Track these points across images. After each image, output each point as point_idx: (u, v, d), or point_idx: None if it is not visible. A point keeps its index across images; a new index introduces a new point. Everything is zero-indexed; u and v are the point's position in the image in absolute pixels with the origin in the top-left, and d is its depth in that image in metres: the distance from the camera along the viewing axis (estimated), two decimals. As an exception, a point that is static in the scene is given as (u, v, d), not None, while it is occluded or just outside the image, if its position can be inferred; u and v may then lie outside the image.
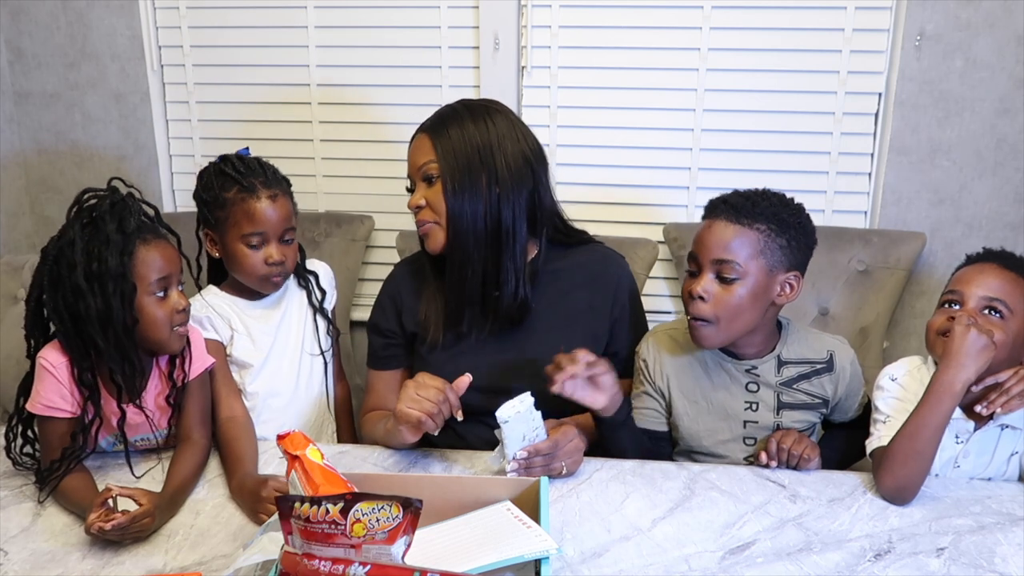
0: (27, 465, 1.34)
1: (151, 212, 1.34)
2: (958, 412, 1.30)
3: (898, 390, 1.36)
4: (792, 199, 1.41)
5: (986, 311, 1.28)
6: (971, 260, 1.37)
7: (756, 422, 1.42)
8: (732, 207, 1.36)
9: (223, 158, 1.56)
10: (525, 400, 1.25)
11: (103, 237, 1.24)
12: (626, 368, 1.55)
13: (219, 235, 1.54)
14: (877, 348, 1.99)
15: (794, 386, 1.42)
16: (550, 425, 1.32)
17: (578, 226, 1.60)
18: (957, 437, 1.32)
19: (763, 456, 1.36)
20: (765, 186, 1.45)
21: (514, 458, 1.25)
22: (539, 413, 1.27)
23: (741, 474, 1.34)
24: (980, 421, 1.31)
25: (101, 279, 1.23)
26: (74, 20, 2.24)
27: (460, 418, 1.30)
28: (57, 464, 1.26)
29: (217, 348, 1.53)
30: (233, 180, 1.51)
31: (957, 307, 1.30)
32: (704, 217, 1.41)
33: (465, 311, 1.46)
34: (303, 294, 1.65)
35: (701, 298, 1.34)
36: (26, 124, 2.34)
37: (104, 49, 2.25)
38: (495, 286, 1.44)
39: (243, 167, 1.53)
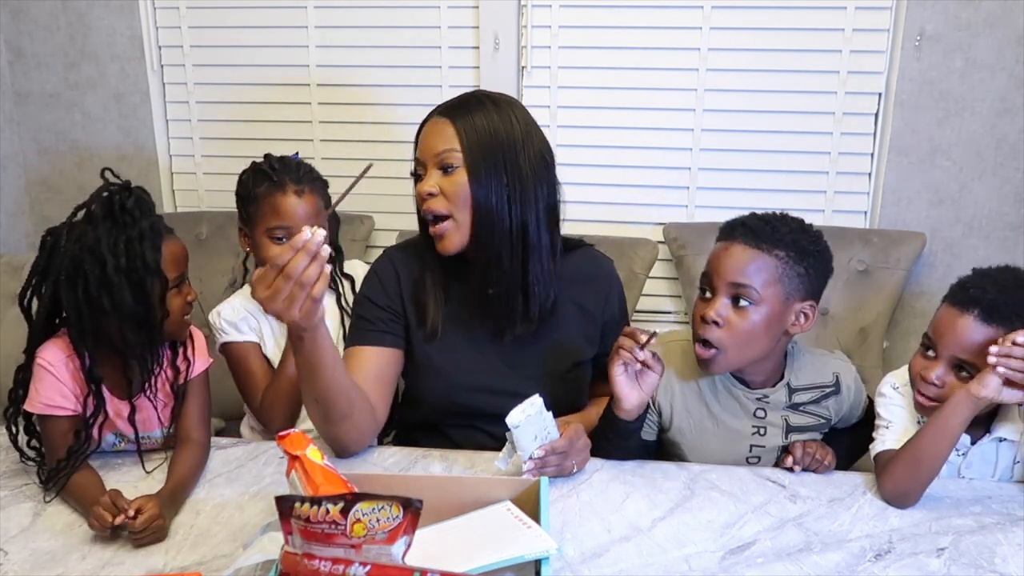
0: (33, 459, 1.34)
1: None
2: None
3: (899, 398, 1.35)
4: (811, 225, 1.37)
5: (956, 368, 1.26)
6: (958, 298, 1.28)
7: (763, 446, 1.40)
8: (751, 230, 1.32)
9: (264, 157, 1.61)
10: (535, 403, 1.23)
11: (136, 232, 1.24)
12: None
13: (250, 230, 1.58)
14: (877, 348, 1.99)
15: (801, 408, 1.41)
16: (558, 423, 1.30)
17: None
18: (957, 450, 1.31)
19: (788, 460, 1.35)
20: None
21: (531, 457, 1.24)
22: (550, 414, 1.26)
23: (741, 474, 1.34)
24: (976, 435, 1.31)
25: (135, 275, 1.24)
26: (74, 20, 2.24)
27: (320, 238, 1.09)
28: (64, 463, 1.26)
29: (250, 349, 1.56)
30: (265, 175, 1.56)
31: (932, 353, 1.29)
32: (720, 239, 1.36)
33: (491, 314, 1.40)
34: (332, 296, 1.63)
35: (715, 323, 1.29)
36: (26, 124, 2.34)
37: (104, 49, 2.25)
38: (522, 288, 1.38)
39: (279, 164, 1.58)
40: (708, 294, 1.33)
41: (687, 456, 1.43)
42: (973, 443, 1.32)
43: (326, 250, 1.08)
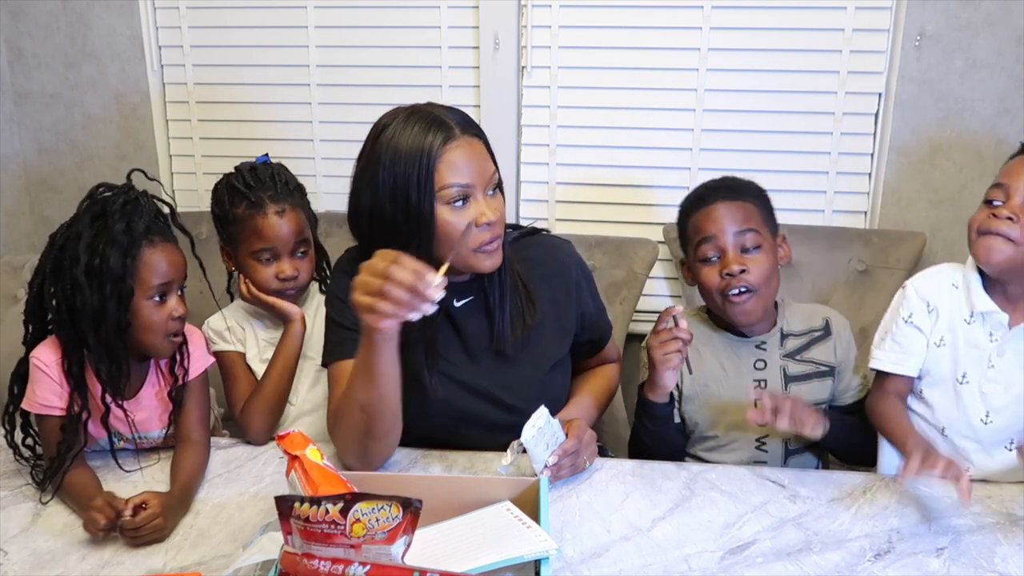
0: (26, 458, 1.34)
1: (166, 211, 1.33)
2: (991, 304, 1.25)
3: (924, 317, 1.31)
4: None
5: None
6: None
7: None
8: (725, 188, 1.46)
9: (236, 169, 1.55)
10: (542, 414, 1.23)
11: (109, 236, 1.23)
12: (603, 341, 1.55)
13: (232, 250, 1.54)
14: (877, 348, 1.99)
15: (798, 357, 1.47)
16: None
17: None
18: (992, 334, 1.26)
19: (752, 413, 1.30)
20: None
21: (546, 465, 1.25)
22: (557, 421, 1.27)
23: (741, 474, 1.34)
24: (1016, 317, 1.25)
25: (100, 278, 1.23)
26: (74, 20, 2.24)
27: (437, 296, 1.07)
28: (55, 461, 1.26)
29: (235, 358, 1.54)
30: (242, 195, 1.50)
31: (1000, 203, 1.23)
32: (695, 210, 1.46)
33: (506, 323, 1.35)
34: (320, 296, 1.60)
35: (742, 271, 1.39)
36: (26, 124, 2.34)
37: (104, 49, 2.25)
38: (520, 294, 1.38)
39: (253, 180, 1.51)
40: (715, 256, 1.42)
41: (699, 424, 1.48)
42: (1012, 326, 1.25)
43: (436, 296, 1.07)
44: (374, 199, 1.25)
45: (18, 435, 1.36)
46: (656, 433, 1.45)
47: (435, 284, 1.07)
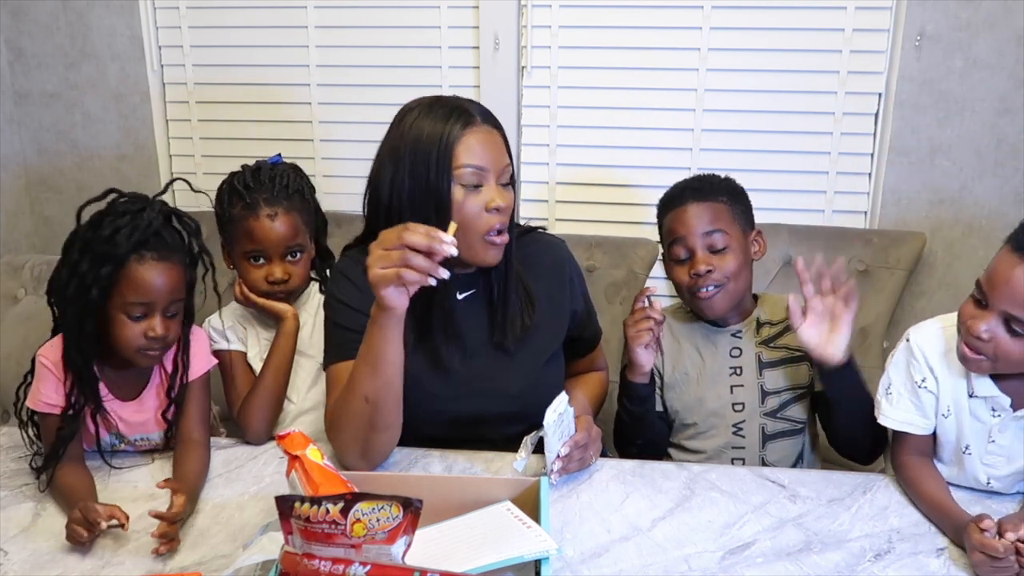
0: (28, 446, 1.35)
1: (191, 227, 1.32)
2: (994, 388, 1.22)
3: (932, 382, 1.27)
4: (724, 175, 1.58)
5: (1008, 322, 1.13)
6: (1020, 241, 1.16)
7: (742, 386, 1.50)
8: (695, 190, 1.51)
9: (242, 168, 1.56)
10: (563, 399, 1.25)
11: (89, 242, 1.24)
12: (593, 342, 1.57)
13: (230, 248, 1.55)
14: (877, 348, 1.99)
15: (772, 344, 1.52)
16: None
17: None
18: (994, 410, 1.24)
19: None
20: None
21: (559, 456, 1.26)
22: (571, 410, 1.28)
23: (741, 474, 1.34)
24: (1019, 400, 1.22)
25: (73, 281, 1.23)
26: (74, 20, 2.24)
27: (454, 253, 1.11)
28: (53, 448, 1.26)
29: (236, 358, 1.55)
30: (239, 196, 1.51)
31: (983, 303, 1.16)
32: (669, 210, 1.52)
33: (508, 320, 1.37)
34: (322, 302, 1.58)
35: (709, 271, 1.44)
36: (26, 124, 2.35)
37: (104, 49, 2.25)
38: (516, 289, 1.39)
39: (253, 181, 1.52)
40: (685, 256, 1.48)
41: (679, 412, 1.54)
42: (1016, 409, 1.22)
43: (452, 252, 1.11)
44: (395, 174, 1.30)
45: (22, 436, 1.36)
46: (635, 413, 1.50)
47: (449, 241, 1.11)
